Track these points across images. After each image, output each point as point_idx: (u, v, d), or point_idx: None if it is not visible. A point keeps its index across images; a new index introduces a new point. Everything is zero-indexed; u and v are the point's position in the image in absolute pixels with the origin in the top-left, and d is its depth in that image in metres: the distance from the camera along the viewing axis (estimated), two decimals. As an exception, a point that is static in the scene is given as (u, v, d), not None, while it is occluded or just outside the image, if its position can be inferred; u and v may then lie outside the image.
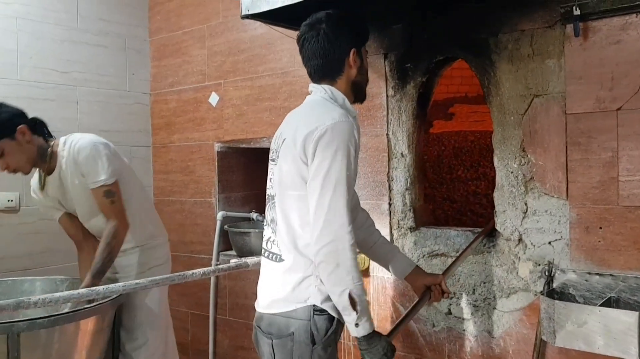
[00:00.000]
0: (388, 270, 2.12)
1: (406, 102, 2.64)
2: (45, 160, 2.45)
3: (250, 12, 2.33)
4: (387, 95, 2.68)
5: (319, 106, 1.76)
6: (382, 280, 2.71)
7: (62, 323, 2.05)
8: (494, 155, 2.42)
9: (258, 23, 2.92)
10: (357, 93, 1.85)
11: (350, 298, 1.61)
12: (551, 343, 2.05)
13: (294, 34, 2.76)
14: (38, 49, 3.23)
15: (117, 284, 1.92)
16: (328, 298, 1.68)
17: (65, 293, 1.75)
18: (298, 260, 1.70)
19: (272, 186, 1.80)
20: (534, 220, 2.30)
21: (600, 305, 2.00)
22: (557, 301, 2.01)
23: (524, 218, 2.33)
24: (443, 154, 3.70)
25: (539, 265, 2.29)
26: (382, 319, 2.70)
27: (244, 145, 3.29)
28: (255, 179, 3.54)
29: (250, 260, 2.40)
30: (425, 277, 2.06)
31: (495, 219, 2.41)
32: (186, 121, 3.58)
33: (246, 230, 3.18)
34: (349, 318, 1.64)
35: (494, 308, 2.40)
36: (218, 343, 3.33)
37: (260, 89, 3.18)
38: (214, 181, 3.41)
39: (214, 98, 3.39)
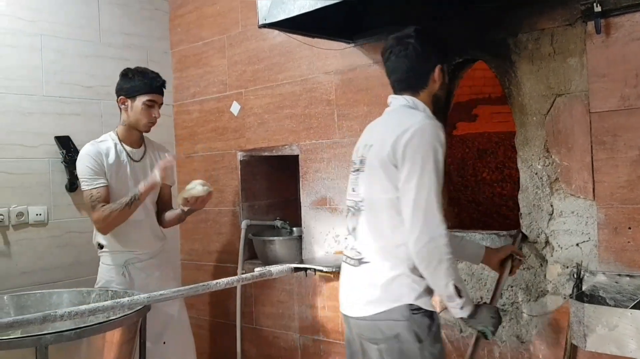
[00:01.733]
0: (463, 260, 2.24)
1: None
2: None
3: (268, 21, 2.35)
4: (407, 99, 2.66)
5: (403, 113, 1.89)
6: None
7: (88, 335, 2.07)
8: (517, 156, 2.38)
9: (276, 32, 2.94)
10: (435, 106, 1.96)
11: (455, 287, 1.72)
12: (582, 348, 2.00)
13: (312, 41, 2.81)
14: (62, 64, 3.30)
15: (141, 295, 1.93)
16: (420, 295, 1.77)
17: (91, 305, 1.77)
18: (386, 261, 1.79)
19: (357, 194, 1.89)
20: (560, 221, 2.26)
21: (631, 308, 1.95)
22: (586, 305, 1.96)
23: (550, 219, 2.29)
24: (467, 156, 3.66)
25: (567, 267, 2.24)
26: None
27: (266, 153, 3.31)
28: (279, 187, 3.56)
29: (274, 268, 2.40)
30: (497, 253, 2.14)
31: (521, 221, 2.37)
32: (209, 131, 3.61)
33: (270, 238, 3.19)
34: (454, 303, 1.74)
35: (522, 312, 2.36)
36: (245, 352, 3.34)
37: (280, 97, 3.20)
38: (238, 190, 3.43)
39: (235, 108, 3.41)
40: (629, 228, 2.08)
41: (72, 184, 3.22)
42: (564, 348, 2.24)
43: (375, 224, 1.82)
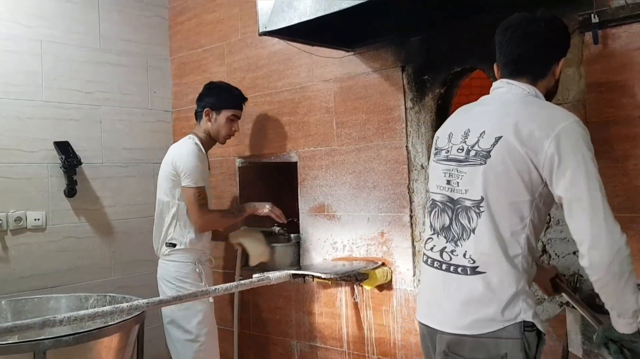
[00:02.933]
0: None
1: (425, 114, 2.63)
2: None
3: (268, 29, 2.36)
4: (405, 108, 2.68)
5: (538, 104, 1.65)
6: (405, 293, 2.69)
7: (87, 340, 2.08)
8: (515, 165, 2.39)
9: (275, 39, 2.95)
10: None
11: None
12: (578, 355, 2.01)
13: (311, 49, 2.83)
14: (62, 70, 3.30)
15: (140, 301, 1.94)
16: (535, 312, 1.58)
17: (91, 310, 1.77)
18: (509, 273, 1.55)
19: (462, 191, 1.62)
20: (557, 230, 2.27)
21: (628, 316, 1.96)
22: (581, 314, 1.98)
23: (547, 228, 2.30)
24: (464, 164, 3.67)
25: (564, 275, 2.25)
26: (406, 332, 2.68)
27: (265, 160, 3.32)
28: (277, 193, 3.56)
29: (272, 274, 2.41)
30: (546, 272, 1.91)
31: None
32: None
33: (275, 228, 3.20)
34: (629, 320, 1.55)
35: (519, 320, 2.37)
36: (242, 357, 3.34)
37: (279, 104, 3.21)
38: (236, 196, 3.44)
39: (234, 114, 3.42)
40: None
41: (71, 189, 3.22)
42: (560, 356, 2.24)
43: (494, 228, 1.56)
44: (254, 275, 2.42)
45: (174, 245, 2.81)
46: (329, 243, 2.99)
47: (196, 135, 2.92)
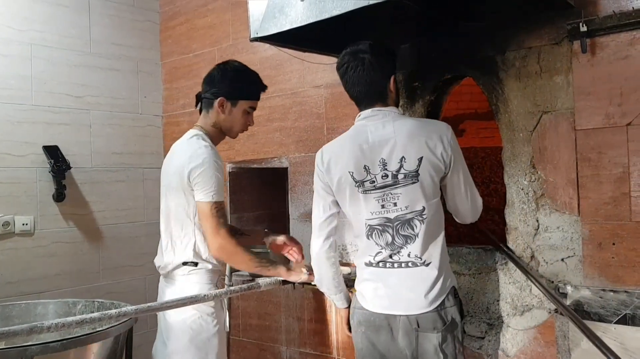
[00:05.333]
0: None
1: (415, 118, 2.65)
2: None
3: (259, 34, 2.35)
4: (396, 114, 2.69)
5: (419, 120, 2.10)
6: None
7: (74, 346, 2.06)
8: (504, 172, 2.41)
9: (267, 45, 2.95)
10: None
11: None
12: (568, 362, 2.03)
13: (302, 55, 2.83)
14: (52, 74, 3.30)
15: (128, 307, 1.93)
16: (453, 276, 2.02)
17: (79, 317, 1.76)
18: (443, 256, 1.95)
19: (398, 210, 1.92)
20: (545, 236, 2.29)
21: (615, 322, 1.98)
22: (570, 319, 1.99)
23: (535, 235, 2.32)
24: (454, 171, 3.70)
25: (552, 282, 2.27)
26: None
27: (255, 165, 3.32)
28: (267, 199, 3.56)
29: (262, 281, 2.40)
30: None
31: (507, 236, 2.40)
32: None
33: (259, 250, 3.17)
34: None
35: (508, 326, 2.38)
36: (231, 363, 3.33)
37: (270, 110, 3.21)
38: (226, 201, 3.44)
39: (224, 120, 3.42)
40: (613, 243, 2.12)
41: (60, 194, 3.21)
42: (549, 362, 2.26)
43: (431, 229, 1.92)
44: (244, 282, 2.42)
45: (196, 264, 2.31)
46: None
47: (203, 130, 2.37)
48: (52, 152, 3.19)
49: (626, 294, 2.08)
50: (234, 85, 2.34)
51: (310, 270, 2.32)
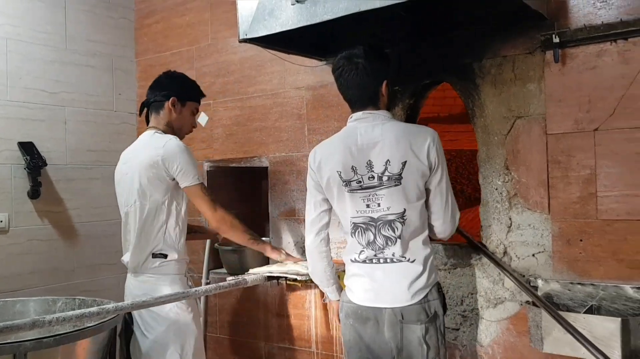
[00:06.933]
0: None
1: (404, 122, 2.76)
2: None
3: (249, 36, 2.40)
4: (376, 116, 2.80)
5: (407, 125, 2.14)
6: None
7: (67, 342, 2.08)
8: (479, 173, 2.55)
9: (248, 45, 2.99)
10: None
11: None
12: (539, 350, 2.18)
13: (285, 56, 2.90)
14: (28, 69, 3.26)
15: (126, 302, 1.97)
16: (437, 272, 2.11)
17: (78, 311, 1.79)
18: (427, 254, 2.04)
19: (381, 210, 2.01)
20: (518, 233, 2.44)
21: (583, 313, 2.14)
22: (544, 310, 2.14)
23: (508, 232, 2.46)
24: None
25: (524, 276, 2.42)
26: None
27: (234, 164, 3.36)
28: (245, 198, 3.61)
29: (249, 277, 2.47)
30: None
31: (482, 233, 2.54)
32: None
33: (237, 248, 3.23)
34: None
35: (482, 318, 2.52)
36: (209, 360, 3.37)
37: (250, 110, 3.27)
38: (203, 199, 3.46)
39: (203, 119, 3.45)
40: (581, 240, 2.28)
41: (35, 191, 3.18)
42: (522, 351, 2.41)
43: (412, 228, 2.02)
44: (228, 278, 2.46)
45: (165, 256, 2.44)
46: (299, 246, 3.07)
47: (157, 129, 2.56)
48: (28, 148, 3.16)
49: (592, 287, 2.25)
50: (183, 87, 2.63)
51: (288, 255, 2.69)
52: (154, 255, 2.42)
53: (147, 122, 2.65)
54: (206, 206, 2.48)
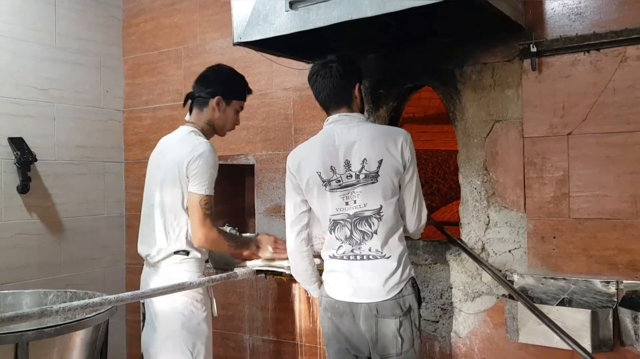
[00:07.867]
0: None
1: (379, 124, 2.88)
2: None
3: (243, 40, 2.49)
4: (361, 118, 2.92)
5: (381, 126, 2.36)
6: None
7: (67, 332, 2.15)
8: (459, 173, 2.69)
9: (237, 47, 3.09)
10: None
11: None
12: (515, 340, 2.32)
13: (273, 58, 2.99)
14: (19, 66, 3.29)
15: (127, 293, 2.04)
16: (412, 267, 2.17)
17: (82, 301, 1.86)
18: (399, 249, 2.12)
19: (359, 206, 2.09)
20: (495, 231, 2.58)
21: (556, 305, 2.29)
22: (519, 302, 2.29)
23: (486, 229, 2.61)
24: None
25: (500, 271, 2.57)
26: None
27: (220, 162, 3.42)
28: (229, 195, 3.69)
29: (239, 271, 2.55)
30: None
31: (461, 230, 2.68)
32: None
33: (229, 228, 3.30)
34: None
35: (460, 311, 2.66)
36: (195, 352, 3.44)
37: (238, 109, 3.35)
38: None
39: (191, 117, 3.52)
40: (554, 237, 2.44)
41: (25, 186, 3.22)
42: (498, 342, 2.55)
43: (389, 225, 2.09)
44: (220, 274, 2.56)
45: (188, 253, 2.42)
46: (283, 241, 3.16)
47: (197, 127, 2.51)
48: (18, 143, 3.19)
49: (564, 281, 2.41)
50: (229, 85, 2.55)
51: (276, 249, 2.61)
52: (177, 252, 2.41)
53: (190, 112, 2.58)
54: (197, 221, 2.35)
